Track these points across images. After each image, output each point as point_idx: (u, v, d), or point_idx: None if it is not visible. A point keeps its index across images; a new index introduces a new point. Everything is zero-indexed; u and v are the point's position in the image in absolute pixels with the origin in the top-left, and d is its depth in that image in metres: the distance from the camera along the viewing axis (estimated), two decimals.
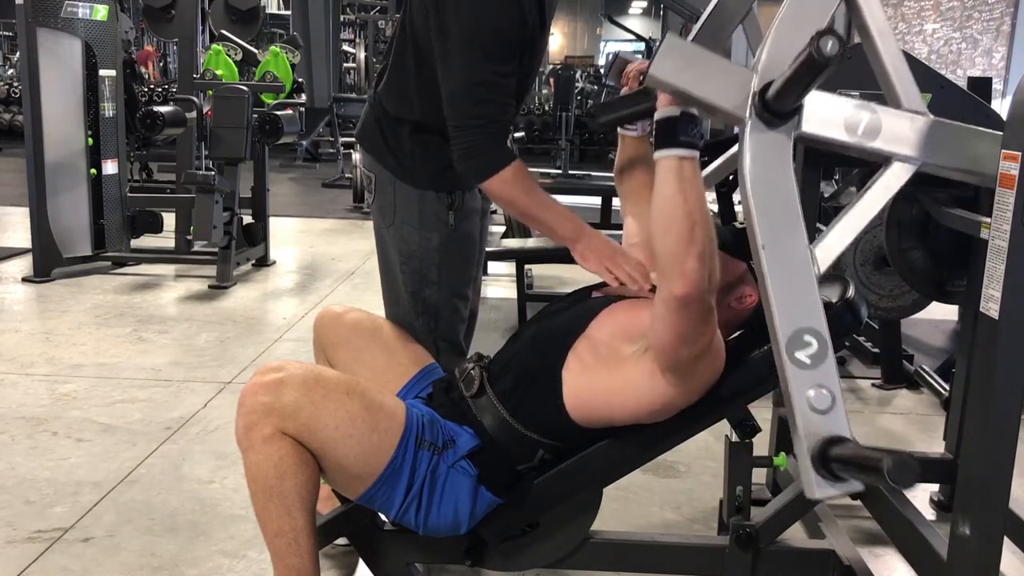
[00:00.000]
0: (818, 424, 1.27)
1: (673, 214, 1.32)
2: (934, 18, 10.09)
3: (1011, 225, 1.32)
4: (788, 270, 1.28)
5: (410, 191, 1.83)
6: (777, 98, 1.24)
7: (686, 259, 1.31)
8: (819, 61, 1.09)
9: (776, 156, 1.28)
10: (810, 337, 1.28)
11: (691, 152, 1.33)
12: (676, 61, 1.27)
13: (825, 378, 1.28)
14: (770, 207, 1.28)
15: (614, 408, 1.51)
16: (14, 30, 9.22)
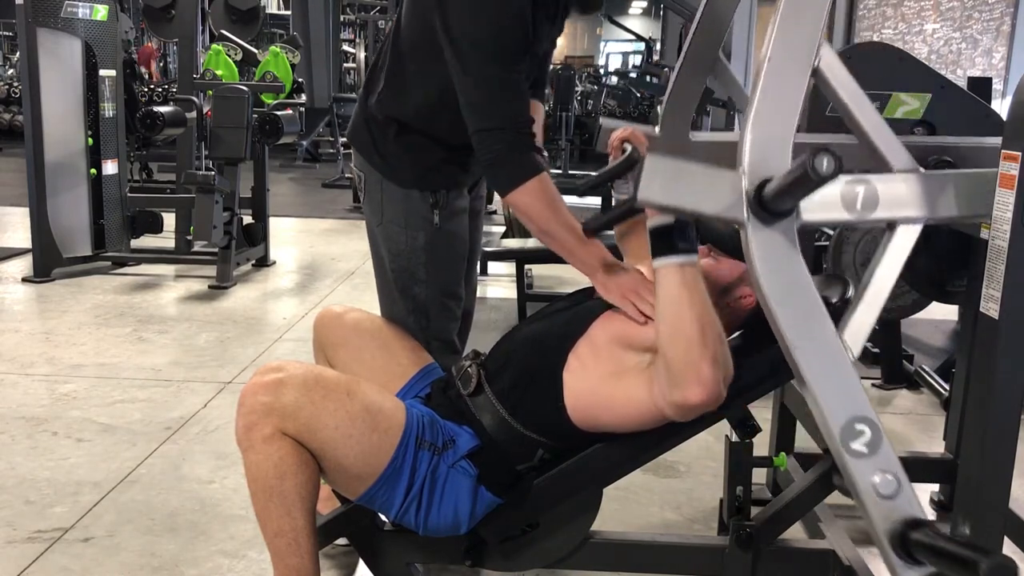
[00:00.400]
0: (890, 509, 1.29)
1: (681, 321, 1.33)
2: (934, 18, 10.08)
3: (1011, 225, 1.32)
4: (823, 363, 1.28)
5: (396, 190, 1.85)
6: (774, 202, 1.24)
7: (700, 365, 1.32)
8: (814, 179, 1.10)
9: (783, 252, 1.28)
10: (861, 425, 1.28)
11: (690, 258, 1.34)
12: (661, 181, 1.25)
13: (886, 463, 1.29)
14: (790, 304, 1.28)
15: (615, 415, 1.51)
16: (14, 30, 9.22)
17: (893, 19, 10.58)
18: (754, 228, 1.27)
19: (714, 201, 1.27)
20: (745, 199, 1.27)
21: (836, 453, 1.29)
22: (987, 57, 9.34)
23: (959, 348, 2.30)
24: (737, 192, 1.27)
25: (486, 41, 1.61)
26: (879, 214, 1.35)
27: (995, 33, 9.24)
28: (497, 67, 1.62)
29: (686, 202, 1.27)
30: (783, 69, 1.28)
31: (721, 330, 1.37)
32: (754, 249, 1.27)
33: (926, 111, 2.11)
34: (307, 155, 10.93)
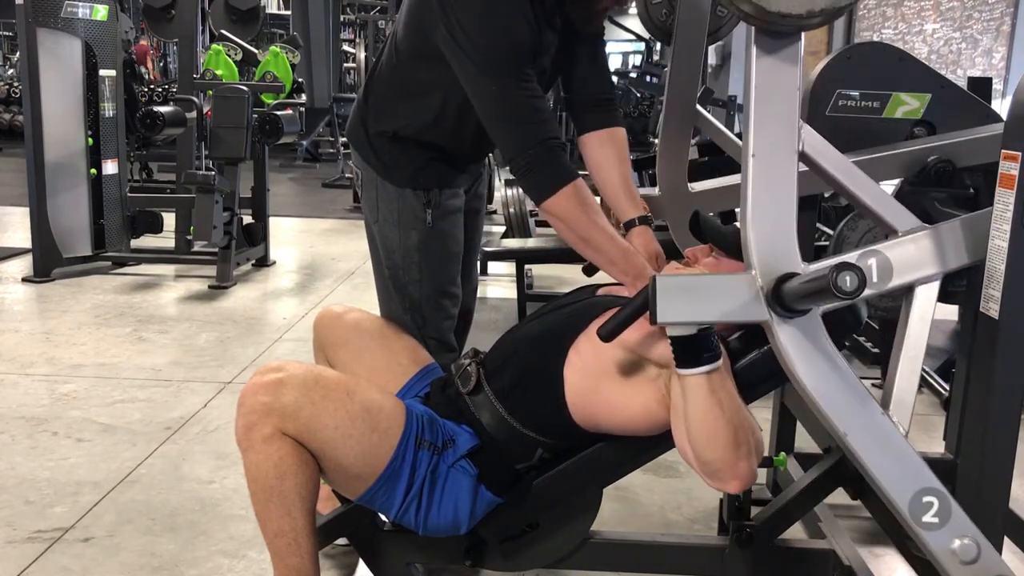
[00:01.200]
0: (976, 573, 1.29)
1: (715, 426, 1.34)
2: (934, 18, 10.09)
3: (1011, 225, 1.32)
4: (877, 444, 1.29)
5: (391, 189, 1.86)
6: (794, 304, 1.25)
7: (737, 463, 1.34)
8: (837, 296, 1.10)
9: (813, 342, 1.28)
10: (929, 497, 1.29)
11: (716, 365, 1.34)
12: (675, 300, 1.26)
13: (961, 528, 1.30)
14: (833, 394, 1.28)
15: (616, 418, 1.51)
16: (14, 30, 9.22)
17: (893, 19, 10.58)
18: (779, 324, 1.27)
19: (733, 307, 1.27)
20: (763, 299, 1.27)
21: (910, 530, 1.30)
22: (987, 57, 9.34)
23: (959, 348, 2.30)
24: (753, 292, 1.27)
25: (500, 49, 1.61)
26: (896, 282, 1.37)
27: (995, 33, 9.24)
28: (514, 79, 1.62)
29: (706, 315, 1.28)
30: (770, 162, 1.27)
31: (750, 419, 1.38)
32: (785, 345, 1.27)
33: (926, 111, 2.11)
34: (307, 155, 10.93)
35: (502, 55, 1.62)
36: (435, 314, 1.91)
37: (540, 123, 1.65)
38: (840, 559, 1.76)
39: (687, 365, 1.34)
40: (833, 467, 1.72)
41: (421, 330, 1.90)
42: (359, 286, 4.77)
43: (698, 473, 1.40)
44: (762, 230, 1.27)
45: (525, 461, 1.58)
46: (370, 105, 1.88)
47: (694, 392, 1.35)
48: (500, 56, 1.62)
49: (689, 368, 1.34)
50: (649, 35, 2.72)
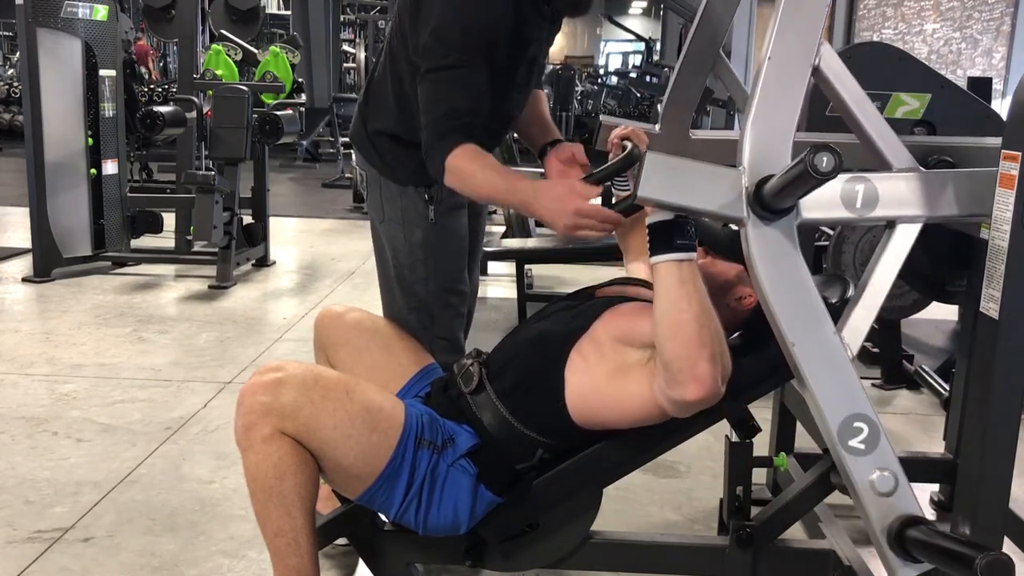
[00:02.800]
0: (887, 507, 1.29)
1: (679, 320, 1.32)
2: (934, 18, 10.08)
3: (1011, 225, 1.32)
4: (822, 361, 1.29)
5: (393, 188, 1.88)
6: (774, 200, 1.24)
7: (698, 363, 1.32)
8: (814, 177, 1.10)
9: (783, 249, 1.28)
10: (860, 423, 1.29)
11: (688, 255, 1.34)
12: (662, 178, 1.27)
13: (884, 460, 1.30)
14: (789, 302, 1.28)
15: (614, 412, 1.51)
16: (14, 30, 9.21)
17: (893, 19, 10.58)
18: (754, 226, 1.27)
19: (714, 198, 1.27)
20: (745, 197, 1.27)
21: (834, 451, 1.29)
22: (987, 57, 9.34)
23: (959, 348, 2.30)
24: (737, 190, 1.27)
25: (452, 34, 1.62)
26: (879, 212, 1.36)
27: (995, 33, 9.23)
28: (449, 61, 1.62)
29: (686, 199, 1.27)
30: (783, 68, 1.28)
31: (719, 327, 1.36)
32: (754, 247, 1.27)
33: (926, 111, 2.11)
34: (307, 155, 10.93)
35: (456, 35, 1.63)
36: (443, 312, 1.91)
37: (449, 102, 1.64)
38: (840, 559, 1.76)
39: (659, 251, 1.34)
40: (833, 467, 1.72)
41: (429, 330, 1.90)
42: (359, 286, 4.77)
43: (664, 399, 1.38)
44: (760, 131, 1.28)
45: (525, 461, 1.58)
46: (370, 106, 1.90)
47: (663, 281, 1.34)
48: (453, 36, 1.63)
49: (661, 254, 1.33)
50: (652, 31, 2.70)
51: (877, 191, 1.35)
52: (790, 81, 1.29)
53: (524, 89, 1.86)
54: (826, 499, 1.78)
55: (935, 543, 1.21)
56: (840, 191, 1.34)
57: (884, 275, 1.37)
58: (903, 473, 1.30)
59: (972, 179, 1.40)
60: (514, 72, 1.77)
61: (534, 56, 1.81)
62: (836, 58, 1.38)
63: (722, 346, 1.36)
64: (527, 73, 1.83)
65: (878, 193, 1.35)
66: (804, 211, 1.31)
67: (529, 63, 1.81)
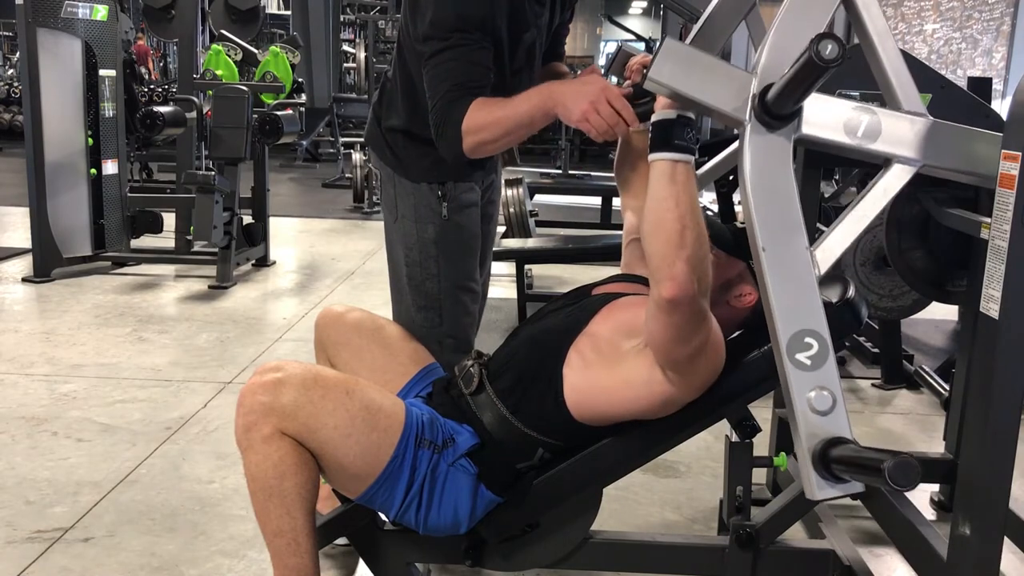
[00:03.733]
0: (819, 425, 1.28)
1: (664, 217, 1.32)
2: (934, 18, 10.08)
3: (1011, 225, 1.32)
4: (788, 272, 1.28)
5: (407, 185, 1.88)
6: (776, 101, 1.24)
7: (675, 262, 1.31)
8: (819, 64, 1.10)
9: (776, 159, 1.28)
10: (811, 339, 1.28)
11: (685, 156, 1.33)
12: (675, 64, 1.27)
13: (826, 379, 1.28)
14: (770, 209, 1.28)
15: (614, 403, 1.51)
16: (14, 30, 9.22)
17: (893, 19, 10.59)
18: (753, 130, 1.28)
19: (721, 95, 1.28)
20: (750, 101, 1.27)
21: (779, 362, 1.28)
22: (987, 57, 9.34)
23: (959, 348, 2.30)
24: (745, 93, 1.28)
25: (448, 21, 1.63)
26: (878, 146, 1.36)
27: (995, 33, 9.24)
28: (448, 43, 1.63)
29: (694, 90, 1.28)
30: None
31: (704, 233, 1.35)
32: (748, 151, 1.28)
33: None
34: (307, 155, 10.93)
35: (451, 17, 1.63)
36: (454, 308, 1.90)
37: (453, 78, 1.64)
38: (840, 559, 1.76)
39: (657, 149, 1.34)
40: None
41: (437, 329, 1.89)
42: (359, 286, 4.77)
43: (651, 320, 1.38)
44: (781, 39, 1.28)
45: (526, 460, 1.58)
46: (383, 104, 1.92)
47: (656, 179, 1.34)
48: (446, 29, 1.64)
49: (658, 152, 1.34)
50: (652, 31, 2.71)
51: (880, 124, 1.35)
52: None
53: (524, 74, 1.85)
54: None
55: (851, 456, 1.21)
56: (845, 116, 1.34)
57: (868, 207, 1.37)
58: (842, 397, 1.29)
59: (976, 137, 1.40)
60: (511, 57, 1.78)
61: (532, 41, 1.81)
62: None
63: (703, 251, 1.34)
64: (525, 58, 1.82)
65: (881, 127, 1.35)
66: (804, 126, 1.31)
67: (528, 48, 1.81)
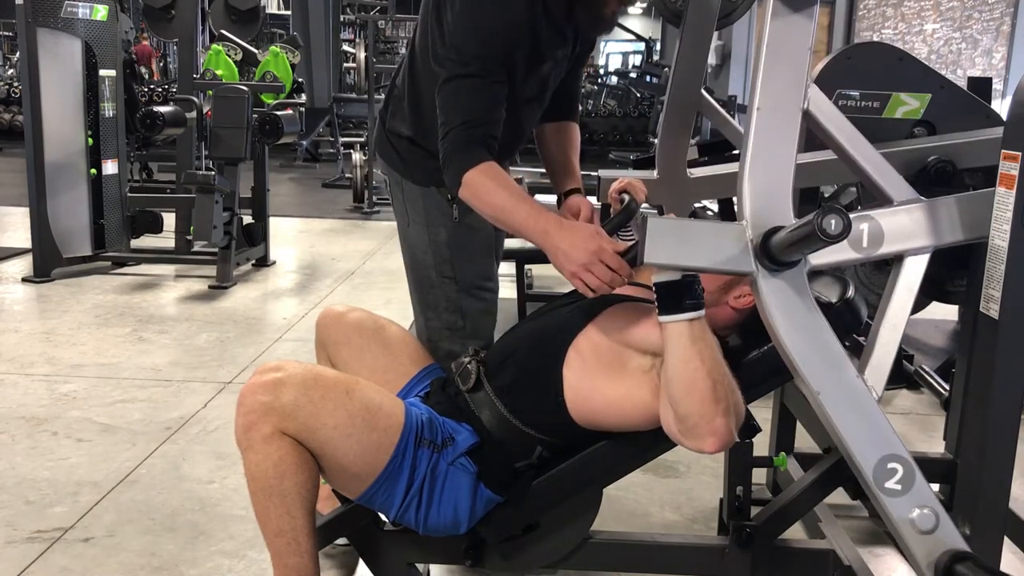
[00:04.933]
0: (931, 543, 1.30)
1: (693, 377, 1.33)
2: (934, 18, 10.08)
3: (1011, 225, 1.32)
4: (849, 407, 1.29)
5: (416, 189, 1.87)
6: (781, 255, 1.25)
7: (714, 419, 1.33)
8: (823, 240, 1.11)
9: (796, 299, 1.29)
10: (894, 464, 1.30)
11: (698, 313, 1.34)
12: (665, 242, 1.27)
13: (922, 498, 1.30)
14: (809, 352, 1.29)
15: (612, 414, 1.51)
16: (14, 30, 9.22)
17: (893, 19, 10.59)
18: (764, 278, 1.28)
19: (720, 255, 1.28)
20: (752, 251, 1.27)
21: (871, 494, 1.30)
22: (987, 57, 9.34)
23: (959, 348, 2.30)
24: (742, 243, 1.28)
25: (469, 44, 1.61)
26: (886, 249, 1.37)
27: (995, 33, 9.24)
28: (470, 69, 1.61)
29: (692, 260, 1.28)
30: (774, 117, 1.28)
31: (731, 378, 1.37)
32: (767, 299, 1.28)
33: (926, 111, 2.11)
34: (307, 155, 10.92)
35: (475, 45, 1.61)
36: (473, 306, 1.88)
37: (468, 111, 1.62)
38: (840, 559, 1.76)
39: (669, 312, 1.34)
40: (833, 467, 1.72)
41: (460, 331, 1.88)
42: (359, 286, 4.77)
43: (677, 439, 1.39)
44: (758, 183, 1.28)
45: (525, 459, 1.58)
46: (390, 110, 1.91)
47: (674, 341, 1.34)
48: (472, 46, 1.61)
49: (671, 315, 1.34)
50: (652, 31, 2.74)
51: (882, 228, 1.36)
52: (782, 129, 1.29)
53: (536, 103, 1.83)
54: (826, 499, 1.78)
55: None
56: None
57: (899, 310, 1.39)
58: (942, 508, 1.31)
59: (973, 202, 1.41)
60: (524, 86, 1.74)
61: (548, 73, 1.78)
62: (825, 99, 1.39)
63: (735, 395, 1.37)
64: (538, 89, 1.79)
65: (883, 230, 1.37)
66: (813, 258, 1.32)
67: (542, 80, 1.78)
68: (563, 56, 1.80)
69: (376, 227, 6.65)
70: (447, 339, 1.87)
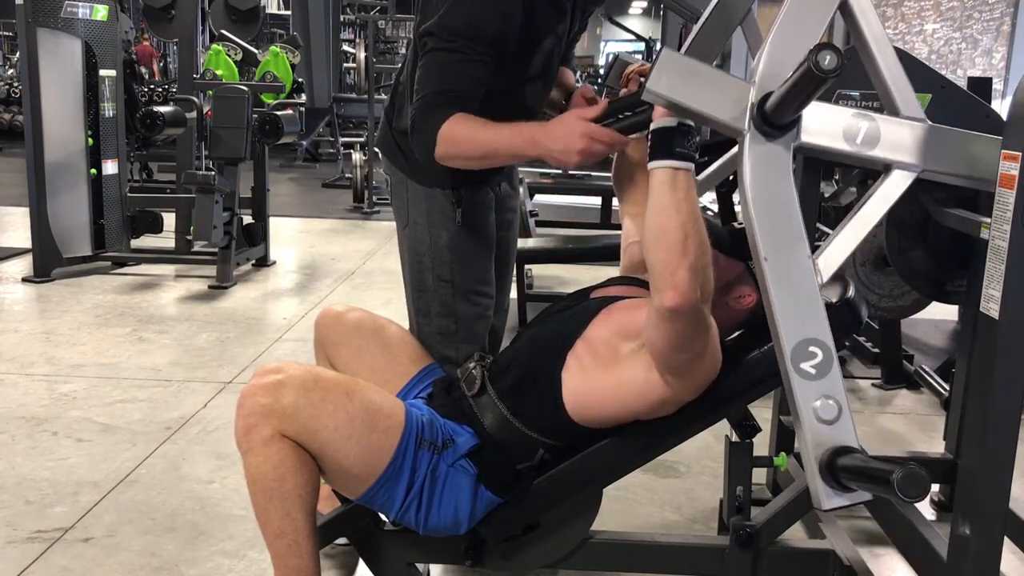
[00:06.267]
0: (825, 434, 1.27)
1: (665, 226, 1.32)
2: (934, 18, 10.08)
3: (1011, 225, 1.32)
4: (791, 281, 1.28)
5: (419, 190, 1.86)
6: (775, 111, 1.24)
7: (677, 270, 1.31)
8: (817, 75, 1.10)
9: (776, 168, 1.28)
10: (815, 348, 1.28)
11: (686, 164, 1.33)
12: (673, 75, 1.26)
13: (831, 388, 1.28)
14: (771, 219, 1.28)
15: (609, 404, 1.51)
16: (14, 30, 9.22)
17: (893, 19, 10.58)
18: (752, 139, 1.27)
19: (719, 105, 1.28)
20: (749, 110, 1.27)
21: (784, 371, 1.28)
22: (987, 57, 9.34)
23: (959, 348, 2.30)
24: (743, 102, 1.27)
25: (455, 23, 1.61)
26: (877, 152, 1.35)
27: (995, 33, 9.24)
28: (452, 45, 1.61)
29: (692, 100, 1.27)
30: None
31: (706, 239, 1.35)
32: (748, 160, 1.27)
33: (926, 111, 2.10)
34: (307, 155, 10.92)
35: (460, 26, 1.61)
36: (469, 310, 1.87)
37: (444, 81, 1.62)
38: (840, 559, 1.76)
39: (658, 157, 1.34)
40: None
41: (452, 336, 1.86)
42: (359, 286, 4.77)
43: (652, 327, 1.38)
44: (778, 49, 1.27)
45: (526, 461, 1.58)
46: (395, 108, 1.88)
47: (656, 188, 1.34)
48: (453, 31, 1.61)
49: (658, 160, 1.33)
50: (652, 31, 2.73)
51: (880, 131, 1.35)
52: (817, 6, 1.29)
53: (540, 81, 1.83)
54: None
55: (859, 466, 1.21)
56: (844, 123, 1.33)
57: (869, 213, 1.37)
58: (847, 406, 1.28)
59: (975, 141, 1.40)
60: (527, 64, 1.74)
61: (550, 49, 1.78)
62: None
63: (705, 258, 1.34)
64: (543, 65, 1.79)
65: (880, 133, 1.35)
66: (803, 134, 1.31)
67: (546, 56, 1.78)
68: (563, 31, 1.80)
69: (376, 227, 6.65)
70: (440, 343, 1.86)
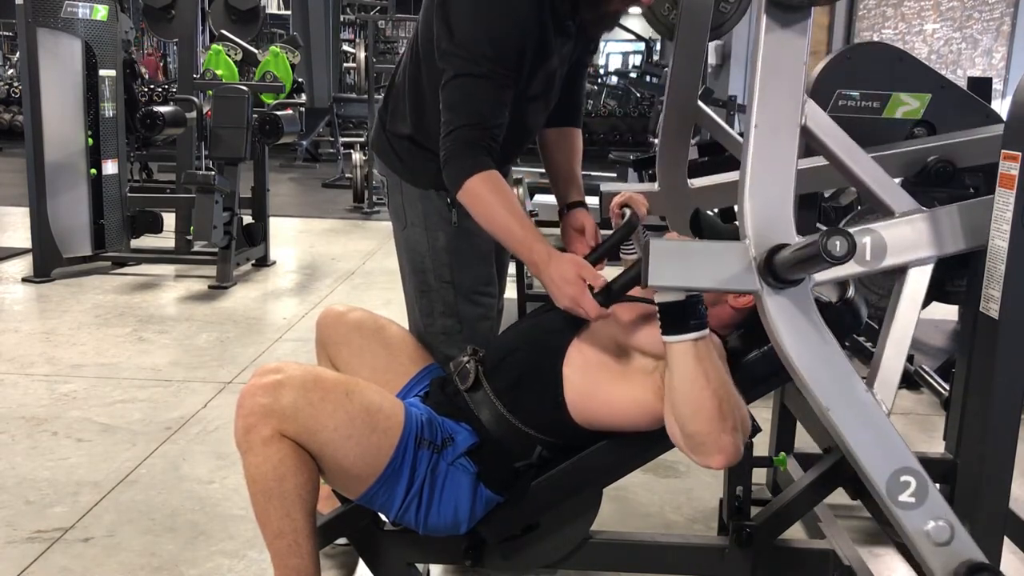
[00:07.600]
0: (947, 555, 1.29)
1: (699, 396, 1.33)
2: (934, 18, 10.07)
3: (1011, 225, 1.32)
4: (860, 422, 1.29)
5: (415, 192, 1.85)
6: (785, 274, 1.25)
7: (720, 436, 1.33)
8: (827, 260, 1.11)
9: (802, 315, 1.29)
10: (907, 477, 1.30)
11: (703, 332, 1.34)
12: (667, 264, 1.27)
13: (936, 510, 1.30)
14: (819, 370, 1.29)
15: (615, 415, 1.51)
16: (14, 30, 9.22)
17: (893, 19, 10.58)
18: (769, 295, 1.27)
19: (724, 275, 1.28)
20: (755, 269, 1.27)
21: (885, 508, 1.30)
22: (987, 57, 9.34)
23: (959, 348, 2.30)
24: (745, 262, 1.27)
25: (480, 44, 1.60)
26: (889, 261, 1.37)
27: (995, 33, 9.24)
28: (481, 70, 1.60)
29: (699, 281, 1.28)
30: (772, 134, 1.28)
31: (736, 394, 1.38)
32: (773, 316, 1.27)
33: (926, 111, 2.11)
34: (307, 155, 10.92)
35: (484, 44, 1.60)
36: (472, 311, 1.86)
37: (473, 112, 1.62)
38: (840, 559, 1.76)
39: (674, 332, 1.34)
40: (833, 467, 1.72)
41: (455, 336, 1.86)
42: (359, 286, 4.76)
43: (684, 451, 1.40)
44: (759, 201, 1.28)
45: (524, 459, 1.58)
46: (389, 110, 1.88)
47: (680, 360, 1.35)
48: (481, 45, 1.60)
49: (676, 335, 1.34)
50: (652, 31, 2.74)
51: (884, 241, 1.37)
52: (780, 145, 1.28)
53: (541, 101, 1.81)
54: (826, 499, 1.78)
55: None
56: None
57: (905, 322, 1.39)
58: (957, 520, 1.30)
59: (973, 209, 1.41)
60: (529, 83, 1.72)
61: (553, 71, 1.77)
62: (822, 113, 1.39)
63: (741, 411, 1.38)
64: (543, 87, 1.77)
65: (885, 242, 1.37)
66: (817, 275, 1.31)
67: (549, 76, 1.76)
68: (568, 52, 1.79)
69: (376, 227, 6.64)
70: (444, 343, 1.85)
